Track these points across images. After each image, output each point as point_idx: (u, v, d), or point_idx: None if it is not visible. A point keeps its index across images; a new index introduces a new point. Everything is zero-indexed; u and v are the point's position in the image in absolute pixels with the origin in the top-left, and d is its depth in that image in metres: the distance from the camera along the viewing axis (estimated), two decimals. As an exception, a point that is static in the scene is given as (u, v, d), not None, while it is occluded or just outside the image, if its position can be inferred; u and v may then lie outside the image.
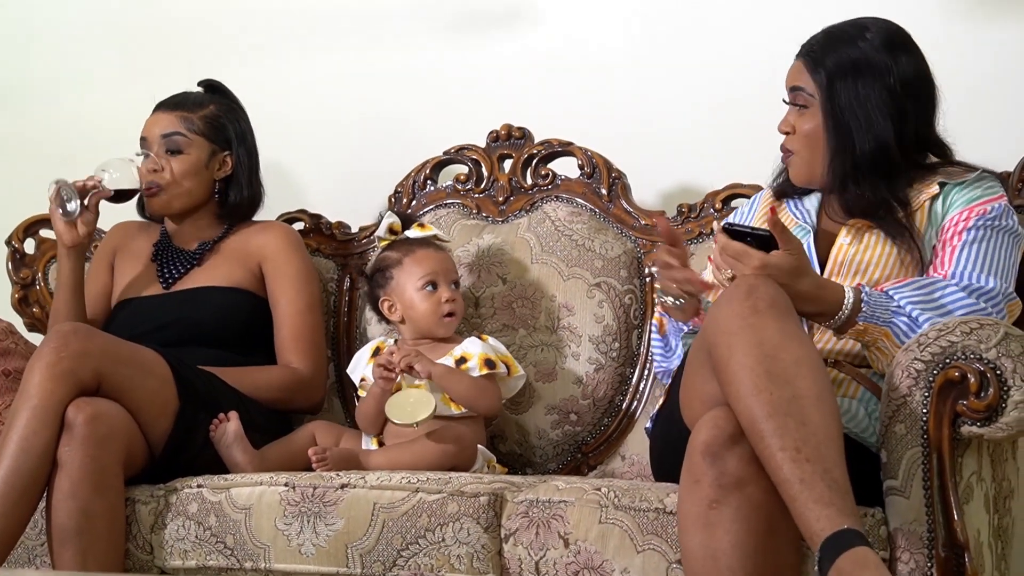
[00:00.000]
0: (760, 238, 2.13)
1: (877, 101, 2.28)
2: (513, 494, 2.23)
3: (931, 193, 2.30)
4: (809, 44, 2.36)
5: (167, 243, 2.89)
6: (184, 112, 2.83)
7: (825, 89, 2.30)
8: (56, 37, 3.56)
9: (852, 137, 2.29)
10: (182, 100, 2.86)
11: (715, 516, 1.92)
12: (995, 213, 2.27)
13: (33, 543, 2.45)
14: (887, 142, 2.28)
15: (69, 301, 2.77)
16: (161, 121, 2.83)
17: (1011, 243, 2.27)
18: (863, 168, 2.29)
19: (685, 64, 3.06)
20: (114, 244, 2.93)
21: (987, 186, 2.31)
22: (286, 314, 2.80)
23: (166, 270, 2.84)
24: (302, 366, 2.77)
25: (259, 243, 2.85)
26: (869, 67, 2.29)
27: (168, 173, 2.81)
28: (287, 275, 2.82)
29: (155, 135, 2.82)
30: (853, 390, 2.23)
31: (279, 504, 2.30)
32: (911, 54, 2.32)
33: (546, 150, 2.95)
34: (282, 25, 3.39)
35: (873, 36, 2.31)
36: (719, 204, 2.79)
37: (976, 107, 2.73)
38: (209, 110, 2.86)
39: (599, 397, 2.77)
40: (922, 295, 2.17)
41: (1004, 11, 2.87)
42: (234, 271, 2.82)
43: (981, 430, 2.00)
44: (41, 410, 2.31)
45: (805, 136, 2.34)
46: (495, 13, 3.22)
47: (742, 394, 1.91)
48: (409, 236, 2.76)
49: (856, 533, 1.81)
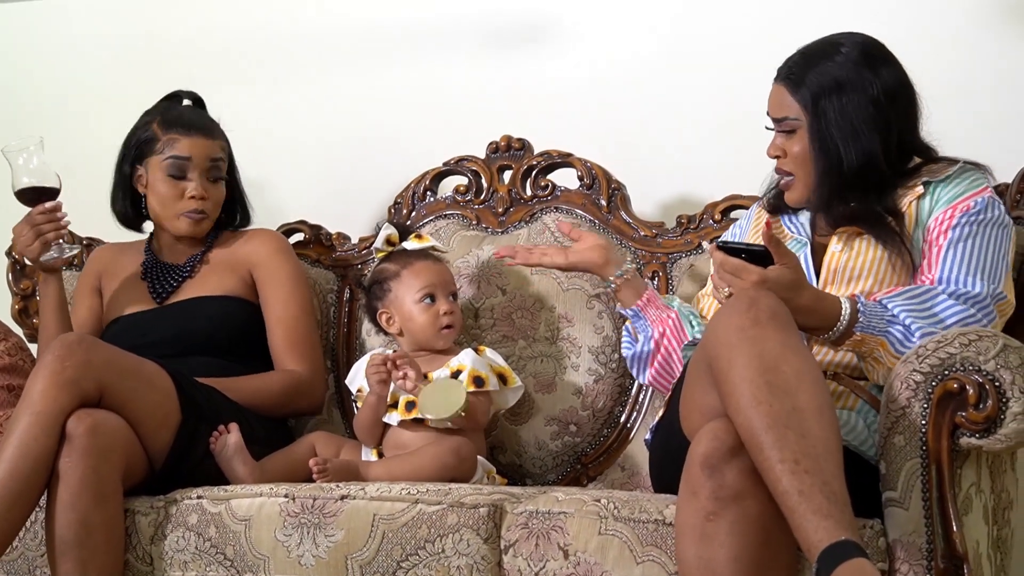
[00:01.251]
0: (755, 254, 2.14)
1: (863, 115, 2.28)
2: (513, 505, 2.23)
3: (916, 194, 2.30)
4: (787, 66, 2.36)
5: (155, 260, 2.90)
6: (221, 140, 2.85)
7: (810, 108, 2.30)
8: (57, 56, 3.57)
9: (839, 154, 2.28)
10: (213, 126, 2.86)
11: (712, 528, 1.92)
12: (979, 207, 2.26)
13: (33, 554, 2.45)
14: (874, 154, 2.28)
15: (60, 321, 2.77)
16: (207, 146, 2.82)
17: (999, 236, 2.26)
18: (850, 183, 2.28)
19: (684, 76, 3.07)
20: (98, 269, 2.93)
21: (971, 180, 2.30)
22: (280, 318, 2.81)
23: (157, 285, 2.85)
24: (300, 368, 2.78)
25: (248, 250, 2.86)
26: (850, 82, 2.29)
27: (211, 201, 2.83)
28: (278, 280, 2.83)
29: (203, 159, 2.81)
30: (852, 402, 2.24)
31: (279, 515, 2.30)
32: (889, 64, 2.32)
33: (546, 161, 2.95)
34: (284, 44, 3.40)
35: (849, 51, 2.31)
36: (718, 215, 2.80)
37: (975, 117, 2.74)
38: (223, 135, 2.88)
39: (599, 408, 2.77)
40: (914, 304, 2.17)
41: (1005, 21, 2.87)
42: (226, 280, 2.83)
43: (980, 442, 2.00)
44: (43, 416, 2.31)
45: (798, 157, 2.34)
46: (496, 28, 3.23)
47: (742, 406, 1.92)
48: (407, 248, 2.76)
49: (854, 545, 1.81)
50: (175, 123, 2.83)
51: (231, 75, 3.38)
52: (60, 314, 2.78)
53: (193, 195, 2.80)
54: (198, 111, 2.91)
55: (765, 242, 2.13)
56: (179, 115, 2.85)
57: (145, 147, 2.84)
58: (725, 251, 2.15)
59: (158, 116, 2.85)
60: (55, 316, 2.77)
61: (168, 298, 2.83)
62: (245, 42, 3.42)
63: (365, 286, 2.80)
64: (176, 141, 2.81)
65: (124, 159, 2.87)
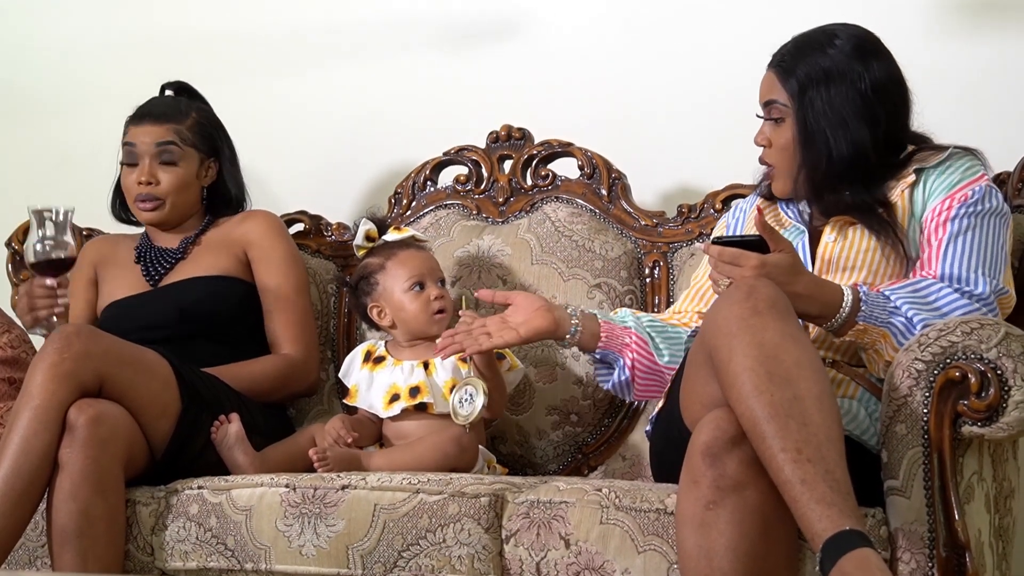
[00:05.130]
0: (750, 243, 2.13)
1: (851, 107, 2.27)
2: (514, 495, 2.23)
3: (908, 182, 2.29)
4: (780, 54, 2.36)
5: (149, 245, 2.90)
6: (174, 124, 2.84)
7: (797, 98, 2.30)
8: (56, 52, 3.57)
9: (828, 144, 2.28)
10: (169, 111, 2.86)
11: (711, 517, 1.92)
12: (976, 197, 2.25)
13: (34, 544, 2.45)
14: (864, 145, 2.27)
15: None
16: (153, 132, 2.83)
17: (998, 226, 2.25)
18: (839, 173, 2.28)
19: (685, 64, 3.07)
20: (92, 259, 2.93)
21: (966, 167, 2.29)
22: (274, 298, 2.82)
23: (151, 268, 2.86)
24: (294, 351, 2.79)
25: (243, 230, 2.87)
26: (840, 74, 2.28)
27: (164, 185, 2.82)
28: (273, 260, 2.84)
29: (147, 144, 2.82)
30: (852, 390, 2.23)
31: (280, 505, 2.30)
32: (881, 58, 2.31)
33: (546, 151, 2.95)
34: (284, 36, 3.40)
35: (843, 43, 2.31)
36: (719, 204, 2.79)
37: (975, 106, 2.74)
38: (193, 119, 2.87)
39: (599, 398, 2.77)
40: (918, 297, 2.17)
41: (1003, 9, 2.87)
42: (220, 259, 2.83)
43: (982, 430, 2.00)
44: (43, 411, 2.31)
45: (782, 149, 2.34)
46: (496, 18, 3.22)
47: (743, 395, 1.91)
48: (388, 240, 2.75)
49: (859, 534, 1.81)
50: (135, 115, 2.87)
51: (231, 66, 3.38)
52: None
53: (141, 180, 2.81)
54: (163, 98, 2.91)
55: (758, 228, 2.13)
56: (142, 107, 2.87)
57: (122, 145, 2.87)
58: (720, 245, 2.15)
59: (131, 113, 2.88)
60: None
61: (161, 280, 2.83)
62: (245, 34, 3.42)
63: (351, 284, 2.79)
64: (127, 132, 2.85)
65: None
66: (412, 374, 2.62)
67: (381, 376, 2.66)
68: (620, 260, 2.82)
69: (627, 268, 2.81)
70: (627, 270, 2.81)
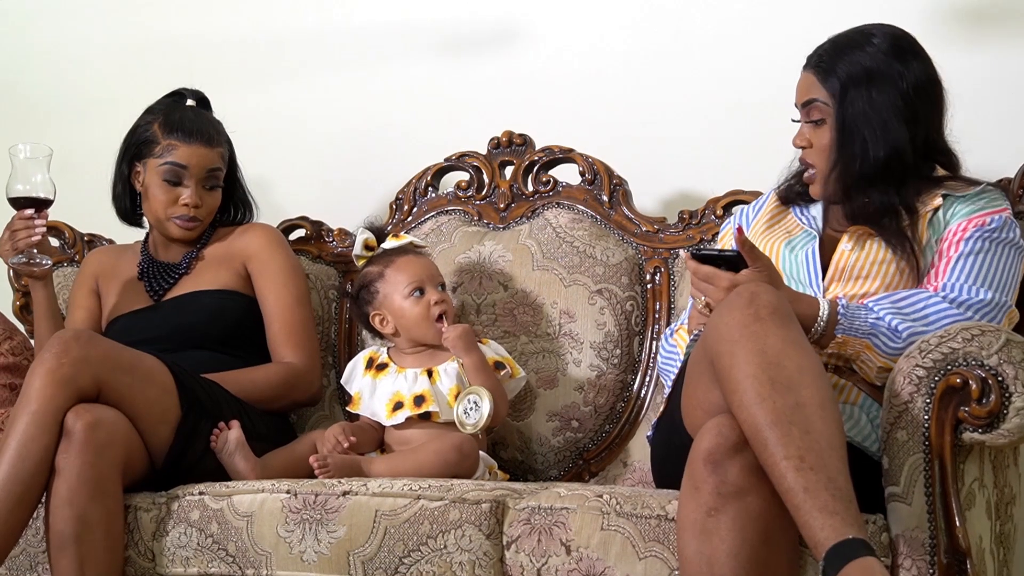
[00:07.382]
0: (729, 259, 2.15)
1: (892, 107, 2.27)
2: (515, 501, 2.23)
3: (935, 204, 2.30)
4: (817, 54, 2.35)
5: (151, 259, 2.90)
6: (219, 148, 2.84)
7: (839, 97, 2.30)
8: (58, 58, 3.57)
9: (865, 145, 2.28)
10: (215, 133, 2.85)
11: (712, 524, 1.92)
12: (995, 225, 2.26)
13: (35, 550, 2.45)
14: (902, 147, 2.27)
15: (52, 328, 2.78)
16: (205, 156, 2.81)
17: (1012, 256, 2.25)
18: (874, 174, 2.28)
19: (686, 71, 3.07)
20: (94, 271, 2.93)
21: (990, 199, 2.30)
22: (275, 309, 2.81)
23: (155, 283, 2.86)
24: (296, 359, 2.79)
25: (242, 244, 2.87)
26: (881, 73, 2.28)
27: (205, 208, 2.83)
28: (273, 271, 2.84)
29: (200, 169, 2.81)
30: (855, 396, 2.23)
31: (281, 511, 2.30)
32: (920, 58, 2.31)
33: (547, 157, 2.95)
34: (285, 43, 3.41)
35: (880, 42, 2.30)
36: (720, 210, 2.79)
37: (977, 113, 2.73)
38: (227, 140, 2.87)
39: (600, 404, 2.77)
40: (903, 306, 2.17)
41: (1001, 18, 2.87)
42: (221, 274, 2.83)
43: (983, 436, 2.00)
44: (40, 415, 2.31)
45: (824, 149, 2.33)
46: (497, 24, 3.23)
47: (745, 402, 1.91)
48: (386, 248, 2.75)
49: (862, 543, 1.80)
50: (176, 127, 2.81)
51: (233, 72, 3.39)
52: (50, 321, 2.80)
53: (187, 203, 2.80)
54: (201, 114, 2.88)
55: (737, 245, 2.13)
56: (181, 119, 2.83)
57: (144, 147, 2.83)
58: (699, 259, 2.16)
59: (160, 117, 2.84)
60: (46, 323, 2.80)
61: (165, 295, 2.83)
62: (247, 39, 3.43)
63: (352, 294, 2.79)
64: (175, 148, 2.80)
65: (124, 155, 2.87)
66: (416, 382, 2.62)
67: (384, 383, 2.66)
68: (621, 266, 2.82)
69: (628, 274, 2.82)
70: (628, 276, 2.81)
